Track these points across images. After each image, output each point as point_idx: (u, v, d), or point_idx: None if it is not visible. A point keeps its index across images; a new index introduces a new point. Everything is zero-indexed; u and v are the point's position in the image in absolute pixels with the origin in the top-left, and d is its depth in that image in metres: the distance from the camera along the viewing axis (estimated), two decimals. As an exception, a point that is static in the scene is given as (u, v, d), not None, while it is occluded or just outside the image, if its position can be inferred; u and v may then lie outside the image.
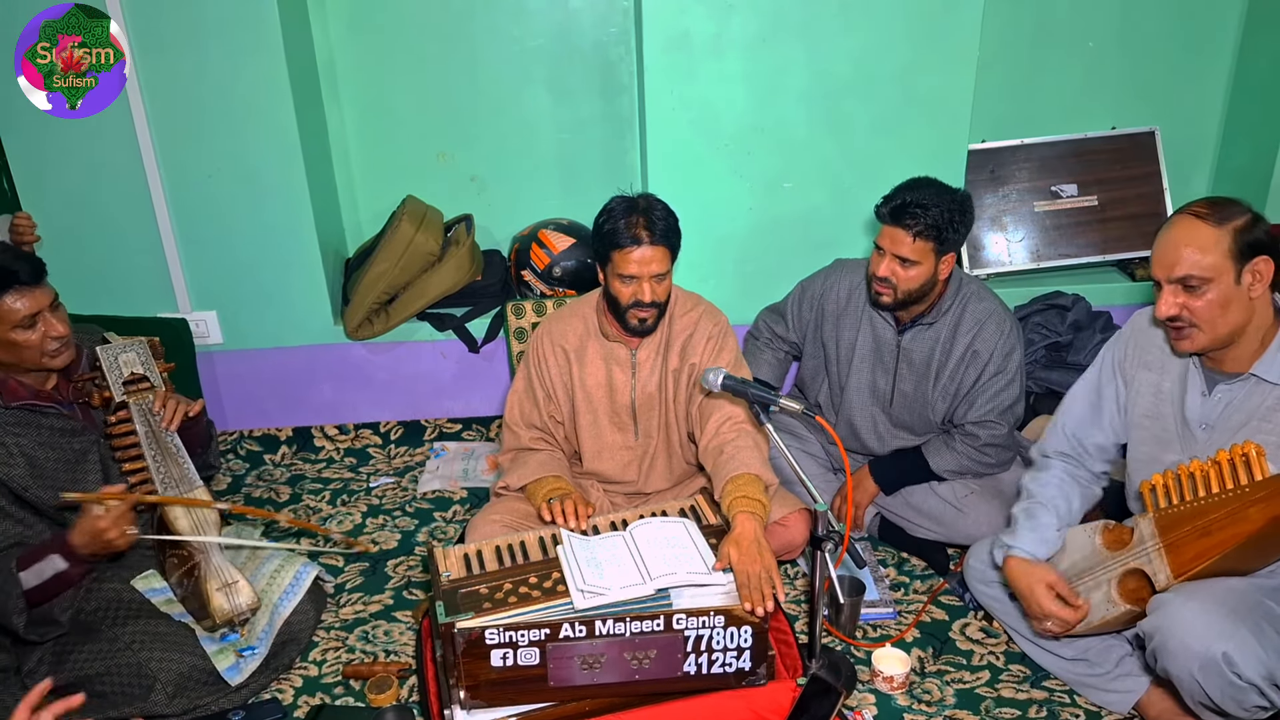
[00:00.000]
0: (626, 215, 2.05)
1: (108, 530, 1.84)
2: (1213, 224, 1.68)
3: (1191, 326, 1.73)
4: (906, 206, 2.18)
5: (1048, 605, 1.90)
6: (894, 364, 2.43)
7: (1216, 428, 1.81)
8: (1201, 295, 1.70)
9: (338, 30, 3.00)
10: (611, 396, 2.26)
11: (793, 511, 2.26)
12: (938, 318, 2.36)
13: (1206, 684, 1.65)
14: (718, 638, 1.81)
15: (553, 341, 2.26)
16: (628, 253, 2.04)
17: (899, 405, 2.48)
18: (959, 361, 2.37)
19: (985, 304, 2.36)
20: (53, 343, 1.94)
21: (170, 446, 2.07)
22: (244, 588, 1.99)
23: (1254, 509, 1.63)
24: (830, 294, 2.52)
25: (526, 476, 2.22)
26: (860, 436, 2.56)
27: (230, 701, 1.99)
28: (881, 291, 2.29)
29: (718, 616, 1.79)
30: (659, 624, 1.78)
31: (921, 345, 2.39)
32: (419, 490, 2.95)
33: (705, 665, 1.84)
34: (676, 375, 2.24)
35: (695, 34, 2.76)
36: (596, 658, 1.80)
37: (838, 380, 2.53)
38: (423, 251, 2.95)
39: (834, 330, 2.50)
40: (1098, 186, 3.23)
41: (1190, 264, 1.69)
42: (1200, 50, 3.22)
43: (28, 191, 2.82)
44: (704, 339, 2.22)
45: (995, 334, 2.33)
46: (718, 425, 2.14)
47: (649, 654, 1.81)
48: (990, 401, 2.37)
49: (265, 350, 3.11)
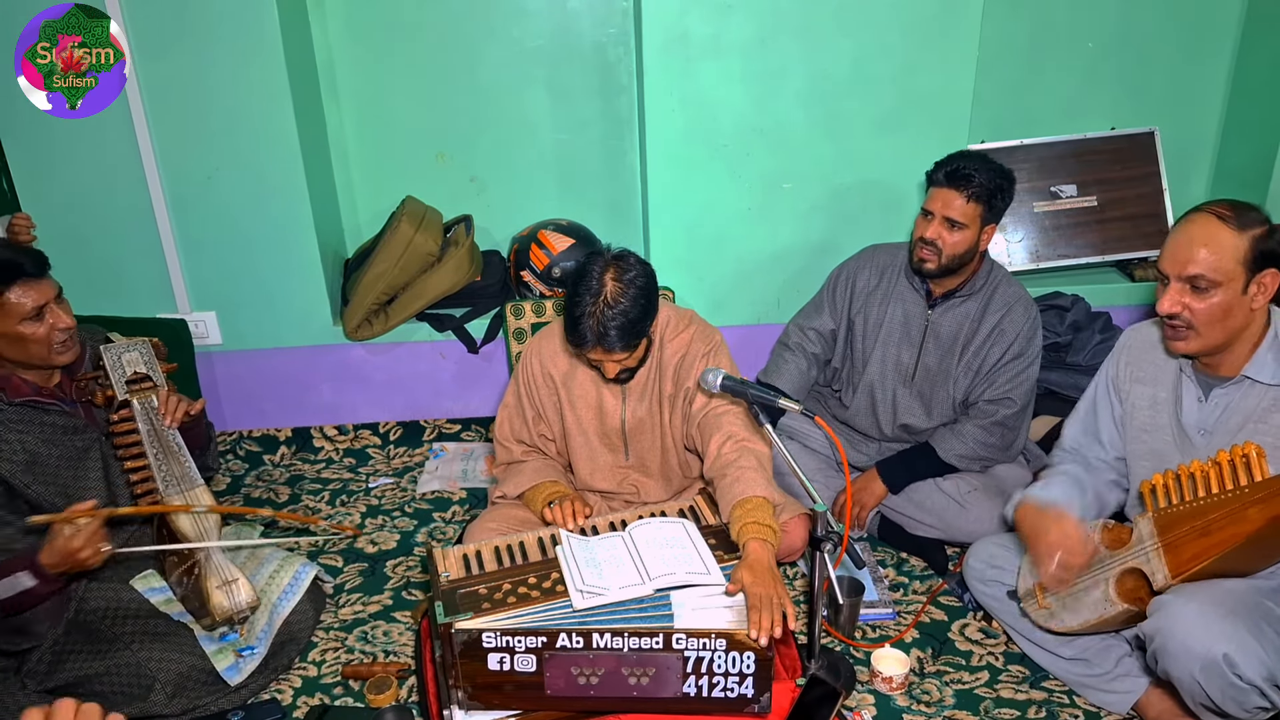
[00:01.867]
0: (589, 306, 1.92)
1: (80, 550, 1.78)
2: (1234, 228, 1.67)
3: (1189, 328, 1.73)
4: (961, 169, 2.27)
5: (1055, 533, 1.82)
6: (921, 339, 2.49)
7: (1215, 432, 1.81)
8: (1207, 298, 1.69)
9: (337, 31, 3.00)
10: (602, 419, 2.22)
11: (793, 516, 2.25)
12: (971, 293, 2.43)
13: (1207, 685, 1.65)
14: (719, 661, 1.75)
15: (542, 365, 2.21)
16: (588, 351, 1.99)
17: (920, 378, 2.52)
18: (986, 338, 2.42)
19: (1014, 289, 2.45)
20: (60, 334, 1.94)
21: (172, 445, 2.07)
22: (244, 585, 1.99)
23: (1253, 509, 1.63)
24: (862, 274, 2.58)
25: (523, 484, 2.22)
26: (876, 410, 2.58)
27: (229, 701, 1.99)
28: (926, 257, 2.35)
29: (719, 640, 1.74)
30: (658, 642, 1.73)
31: (951, 321, 2.45)
32: (418, 491, 2.95)
33: (706, 688, 1.79)
34: (672, 400, 2.18)
35: (694, 35, 2.76)
36: (594, 671, 1.77)
37: (862, 356, 2.57)
38: (422, 252, 2.95)
39: (863, 307, 2.56)
40: (1097, 187, 3.23)
41: (1204, 264, 1.67)
42: (1199, 51, 3.22)
43: (27, 192, 2.82)
44: (698, 360, 2.15)
45: (1023, 317, 2.41)
46: (719, 446, 2.06)
47: (648, 672, 1.77)
48: (1010, 382, 2.43)
49: (264, 351, 3.11)
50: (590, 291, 1.93)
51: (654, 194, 2.95)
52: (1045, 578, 1.89)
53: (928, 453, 2.50)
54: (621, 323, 1.93)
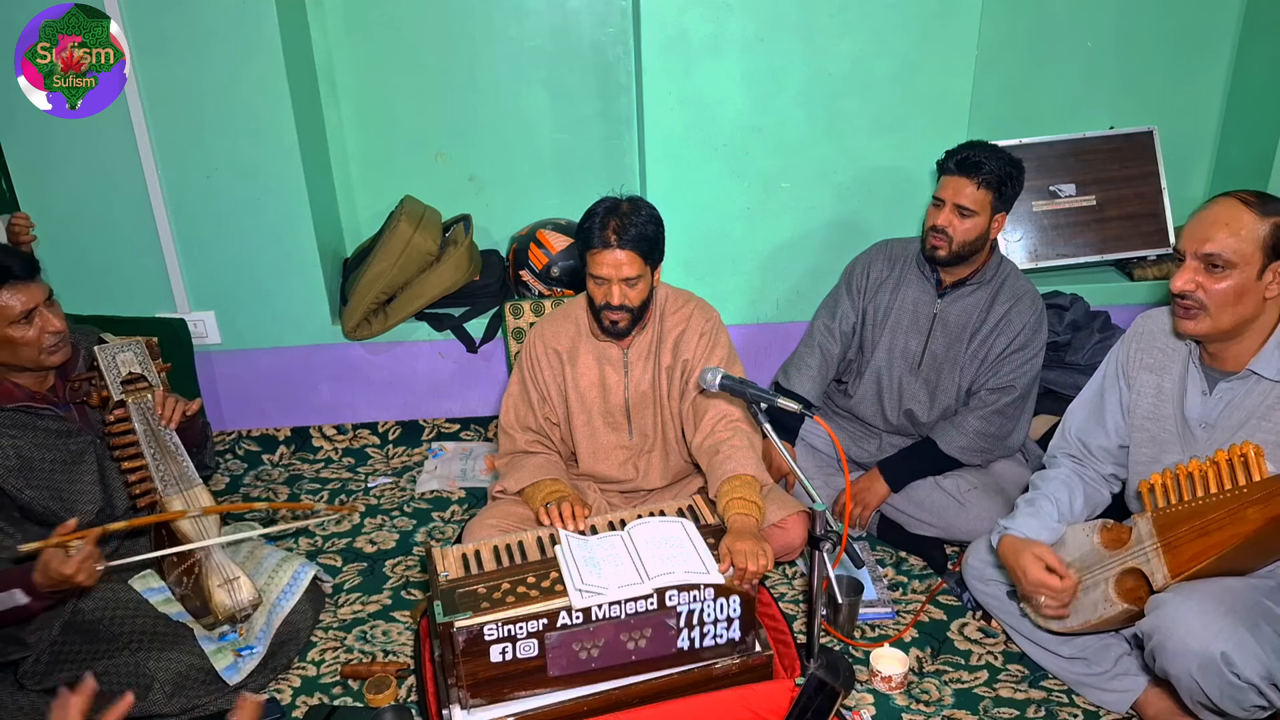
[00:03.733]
0: (604, 216, 2.07)
1: (74, 575, 1.76)
2: (1256, 212, 1.68)
3: (1200, 309, 1.73)
4: (972, 157, 2.31)
5: (1034, 573, 1.91)
6: (929, 327, 2.51)
7: (1217, 427, 1.81)
8: (1221, 278, 1.70)
9: (336, 30, 3.00)
10: (605, 397, 2.26)
11: (792, 514, 2.26)
12: (980, 283, 2.46)
13: (1205, 684, 1.65)
14: (708, 610, 1.87)
15: (545, 344, 2.27)
16: (598, 254, 2.07)
17: (928, 366, 2.54)
18: (993, 328, 2.46)
19: (1023, 283, 2.49)
20: (50, 338, 1.93)
21: (169, 445, 2.07)
22: (245, 583, 1.99)
23: (1252, 509, 1.63)
24: (875, 265, 2.61)
25: (524, 480, 2.22)
26: (882, 397, 2.60)
27: (228, 701, 1.99)
28: (937, 244, 2.38)
29: (708, 590, 1.86)
30: (653, 602, 1.83)
31: (960, 310, 2.48)
32: (417, 490, 2.95)
33: (698, 639, 1.89)
34: (670, 372, 2.24)
35: (693, 34, 2.76)
36: (594, 643, 1.83)
37: (870, 343, 2.60)
38: (421, 251, 2.95)
39: (874, 296, 2.59)
40: (1096, 186, 3.23)
41: (1221, 243, 1.68)
42: (1198, 50, 3.22)
43: (26, 192, 2.82)
44: (696, 335, 2.22)
45: (1029, 309, 2.45)
46: (713, 423, 2.16)
47: (644, 633, 1.85)
48: (1013, 371, 2.46)
49: (263, 350, 3.11)
50: (605, 206, 2.09)
51: (653, 193, 2.95)
52: (1038, 611, 1.98)
53: (929, 448, 2.51)
54: (646, 215, 2.08)
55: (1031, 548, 1.95)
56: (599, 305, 2.13)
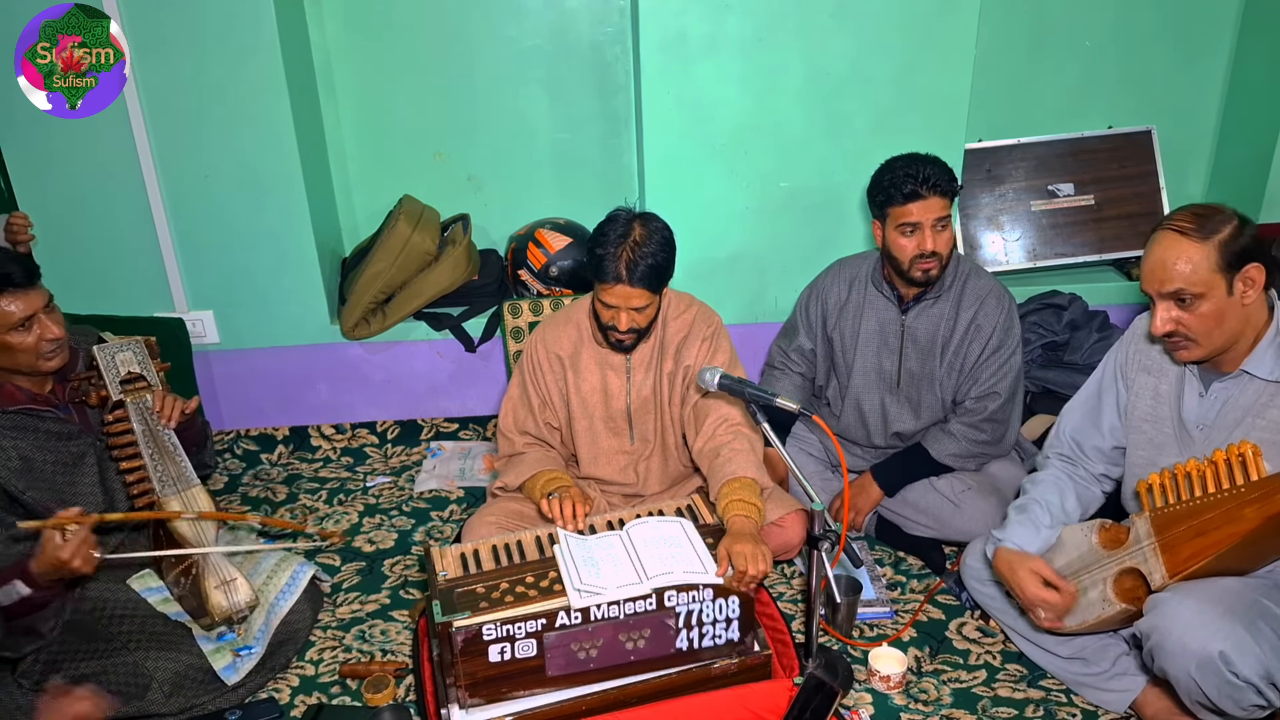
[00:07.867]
0: (616, 245, 2.03)
1: (70, 560, 1.76)
2: (1197, 239, 1.66)
3: (1188, 341, 1.73)
4: (928, 175, 2.25)
5: (1031, 590, 1.92)
6: (899, 344, 2.47)
7: (1213, 427, 1.81)
8: (1195, 309, 1.69)
9: (334, 30, 3.00)
10: (607, 402, 2.26)
11: (790, 512, 2.27)
12: (941, 292, 2.41)
13: (1204, 683, 1.65)
14: (707, 610, 1.87)
15: (547, 349, 2.26)
16: (608, 286, 2.05)
17: (906, 384, 2.50)
18: (963, 336, 2.41)
19: (984, 281, 2.43)
20: (48, 345, 1.93)
21: (168, 445, 2.07)
22: (242, 585, 1.99)
23: (1249, 509, 1.63)
24: (831, 291, 2.56)
25: (524, 474, 2.22)
26: (866, 422, 2.57)
27: (227, 701, 1.99)
28: (929, 267, 2.33)
29: (706, 590, 1.86)
30: (651, 603, 1.83)
31: (926, 323, 2.44)
32: (416, 490, 2.95)
33: (697, 639, 1.89)
34: (671, 378, 2.24)
35: (691, 33, 2.76)
36: (593, 643, 1.83)
37: (844, 369, 2.56)
38: (419, 251, 2.95)
39: (837, 323, 2.54)
40: (1094, 186, 3.23)
41: (1180, 279, 1.68)
42: (1196, 49, 3.22)
43: (25, 191, 2.82)
44: (698, 340, 2.22)
45: (996, 309, 2.40)
46: (714, 427, 2.15)
47: (643, 634, 1.85)
48: (994, 375, 2.42)
49: (262, 350, 3.11)
50: (618, 234, 2.04)
51: (651, 193, 2.95)
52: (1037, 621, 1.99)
53: (921, 454, 2.50)
54: (656, 246, 2.04)
55: (1027, 562, 1.94)
56: (605, 326, 2.13)
